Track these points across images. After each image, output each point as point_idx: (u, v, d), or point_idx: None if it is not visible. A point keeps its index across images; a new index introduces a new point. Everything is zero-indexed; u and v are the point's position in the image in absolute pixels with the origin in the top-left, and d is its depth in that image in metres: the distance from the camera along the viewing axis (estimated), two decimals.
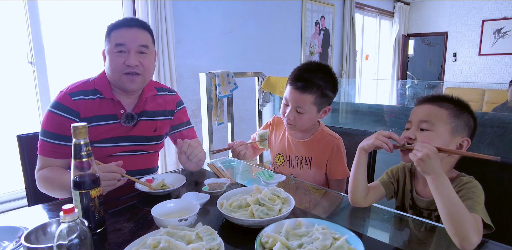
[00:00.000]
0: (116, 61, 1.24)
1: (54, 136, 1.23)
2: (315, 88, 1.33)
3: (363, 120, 3.47)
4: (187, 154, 1.29)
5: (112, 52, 1.24)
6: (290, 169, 1.50)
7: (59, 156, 1.24)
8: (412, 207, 1.11)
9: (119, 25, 1.26)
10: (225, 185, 1.17)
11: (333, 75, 1.39)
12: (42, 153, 1.24)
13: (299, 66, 1.41)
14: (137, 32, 1.26)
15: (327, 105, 1.41)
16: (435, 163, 0.86)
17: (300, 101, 1.34)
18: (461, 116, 1.00)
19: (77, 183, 0.87)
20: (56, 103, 1.26)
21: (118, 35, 1.24)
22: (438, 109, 1.00)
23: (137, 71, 1.26)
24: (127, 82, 1.26)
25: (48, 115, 1.26)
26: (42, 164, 1.24)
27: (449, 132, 0.99)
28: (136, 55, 1.25)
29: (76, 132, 0.86)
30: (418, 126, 1.01)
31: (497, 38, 6.15)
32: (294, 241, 0.74)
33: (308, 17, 4.70)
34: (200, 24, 3.40)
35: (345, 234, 0.77)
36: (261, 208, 0.92)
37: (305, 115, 1.36)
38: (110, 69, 1.27)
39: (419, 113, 1.03)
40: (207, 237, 0.77)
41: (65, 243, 0.65)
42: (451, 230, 0.82)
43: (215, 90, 2.65)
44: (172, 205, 0.95)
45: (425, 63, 8.87)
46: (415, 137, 0.99)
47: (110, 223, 0.96)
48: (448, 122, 0.99)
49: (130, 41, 1.24)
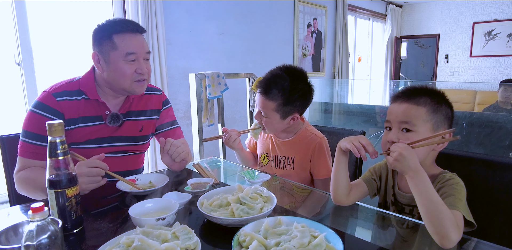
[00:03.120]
0: (126, 69, 1.23)
1: (35, 136, 1.20)
2: (277, 97, 1.30)
3: (354, 120, 3.47)
4: (170, 153, 1.27)
5: (121, 60, 1.22)
6: (274, 169, 1.49)
7: (40, 157, 1.20)
8: (394, 203, 1.10)
9: (123, 30, 1.22)
10: (208, 184, 1.15)
11: (304, 82, 1.35)
12: (23, 154, 1.21)
13: (271, 70, 1.37)
14: (142, 39, 1.26)
15: (296, 112, 1.37)
16: (410, 160, 0.84)
17: (263, 106, 1.34)
18: (439, 110, 0.98)
19: (53, 182, 0.85)
20: (38, 103, 1.23)
21: (126, 42, 1.21)
22: (416, 108, 0.97)
23: (146, 77, 1.28)
24: (137, 88, 1.27)
25: (30, 115, 1.23)
26: (22, 165, 1.21)
27: (430, 130, 0.97)
28: (144, 62, 1.26)
29: (51, 130, 0.84)
30: (399, 126, 0.98)
31: (488, 40, 6.20)
32: (272, 239, 0.73)
33: (301, 19, 4.71)
34: (191, 25, 3.38)
35: (324, 232, 0.75)
36: (242, 206, 0.90)
37: (268, 119, 1.36)
38: (119, 77, 1.24)
39: (397, 113, 0.99)
40: (184, 236, 0.75)
41: (33, 244, 0.63)
42: (431, 228, 0.81)
43: (205, 91, 2.64)
44: (151, 205, 0.94)
45: (418, 65, 8.93)
46: (398, 139, 0.97)
47: (88, 223, 0.94)
48: (428, 120, 0.97)
49: (140, 49, 1.24)
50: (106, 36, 1.22)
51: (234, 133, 1.43)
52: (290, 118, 1.37)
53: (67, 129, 1.25)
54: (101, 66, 1.25)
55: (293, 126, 1.43)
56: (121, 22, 1.24)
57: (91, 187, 1.06)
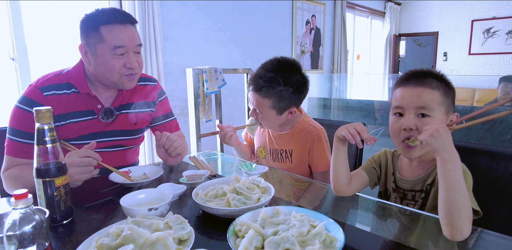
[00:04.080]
0: (114, 63, 1.15)
1: (22, 134, 1.14)
2: (270, 93, 1.26)
3: (353, 115, 3.44)
4: (165, 148, 1.22)
5: (108, 53, 1.14)
6: (272, 162, 1.45)
7: (28, 156, 1.12)
8: (395, 190, 1.07)
9: (111, 21, 1.13)
10: (204, 176, 1.12)
11: (298, 74, 1.29)
12: (10, 153, 1.15)
13: (262, 64, 1.32)
14: (132, 31, 1.18)
15: (292, 106, 1.32)
16: (446, 140, 0.76)
17: (258, 104, 1.30)
18: (449, 93, 0.95)
19: (40, 171, 0.81)
20: (24, 98, 1.15)
21: (114, 35, 1.13)
22: (432, 92, 0.92)
23: (136, 72, 1.21)
24: (126, 82, 1.21)
25: (16, 111, 1.15)
26: (9, 164, 1.14)
27: (445, 113, 0.94)
28: (134, 56, 1.19)
29: (39, 116, 0.80)
30: (415, 112, 0.93)
31: (487, 38, 6.18)
32: (269, 229, 0.69)
33: (299, 16, 4.67)
34: (188, 21, 3.35)
35: (324, 221, 0.72)
36: (238, 196, 0.87)
37: (266, 116, 1.32)
38: (106, 70, 1.17)
39: (412, 98, 0.93)
40: (177, 226, 0.72)
41: (15, 234, 0.59)
42: (446, 219, 0.75)
43: (202, 87, 2.60)
44: (143, 196, 0.90)
45: (416, 64, 8.91)
46: (416, 126, 0.92)
47: (78, 215, 0.90)
48: (442, 104, 0.93)
49: (129, 42, 1.16)
50: (93, 27, 1.13)
51: (230, 130, 1.38)
52: (287, 113, 1.34)
53: (57, 125, 1.18)
54: (88, 59, 1.19)
55: (291, 119, 1.40)
56: (109, 12, 1.15)
57: (83, 178, 1.01)
